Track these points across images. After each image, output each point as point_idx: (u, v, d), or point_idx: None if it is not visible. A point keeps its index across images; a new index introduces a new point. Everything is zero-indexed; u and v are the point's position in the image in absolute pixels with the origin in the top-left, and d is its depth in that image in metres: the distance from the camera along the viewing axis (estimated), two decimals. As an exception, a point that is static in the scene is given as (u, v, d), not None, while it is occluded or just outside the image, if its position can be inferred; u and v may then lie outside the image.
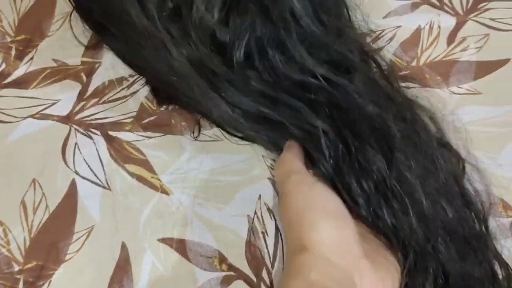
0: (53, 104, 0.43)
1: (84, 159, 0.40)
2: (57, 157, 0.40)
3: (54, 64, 0.44)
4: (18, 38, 0.46)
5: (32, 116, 0.42)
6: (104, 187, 0.39)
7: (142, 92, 0.43)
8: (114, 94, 0.43)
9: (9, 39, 0.46)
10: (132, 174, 0.40)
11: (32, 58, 0.45)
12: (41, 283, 0.36)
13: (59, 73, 0.44)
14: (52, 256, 0.37)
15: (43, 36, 0.46)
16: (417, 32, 0.45)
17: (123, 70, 0.44)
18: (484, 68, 0.43)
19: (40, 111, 0.42)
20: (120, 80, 0.44)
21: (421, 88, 0.42)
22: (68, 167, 0.40)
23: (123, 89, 0.43)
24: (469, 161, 0.38)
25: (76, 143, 0.41)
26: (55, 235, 0.37)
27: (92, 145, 0.41)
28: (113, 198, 0.39)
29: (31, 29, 0.46)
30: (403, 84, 0.41)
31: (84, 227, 0.38)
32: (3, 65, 0.44)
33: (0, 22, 0.47)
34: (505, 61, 0.43)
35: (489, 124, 0.41)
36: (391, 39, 0.45)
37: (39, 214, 0.38)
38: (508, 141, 0.40)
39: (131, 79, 0.44)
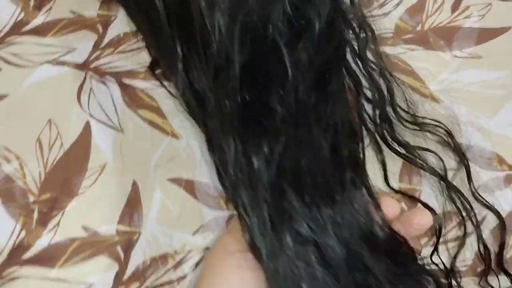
0: (69, 52, 0.44)
1: (98, 103, 0.42)
2: (73, 100, 0.42)
3: (71, 16, 0.46)
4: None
5: (49, 62, 0.44)
6: (117, 130, 0.41)
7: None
8: (129, 46, 0.45)
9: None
10: (144, 119, 0.41)
11: (50, 9, 0.46)
12: (55, 213, 0.37)
13: (76, 23, 0.46)
14: (66, 189, 0.38)
15: (62, -13, 0.47)
16: None
17: (137, 23, 0.46)
18: (486, 35, 0.45)
19: (57, 58, 0.44)
20: (135, 33, 0.45)
21: (424, 50, 0.43)
22: (83, 110, 0.42)
23: (137, 41, 0.45)
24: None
25: (91, 89, 0.43)
26: (69, 171, 0.39)
27: (106, 91, 0.42)
28: (125, 140, 0.40)
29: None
30: (406, 46, 0.43)
31: (97, 164, 0.39)
32: (22, 14, 0.46)
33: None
34: (506, 29, 0.45)
35: (488, 86, 0.43)
36: (397, 4, 0.46)
37: (54, 151, 0.40)
38: (505, 102, 0.42)
39: (146, 32, 0.45)
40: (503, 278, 0.38)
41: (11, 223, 0.37)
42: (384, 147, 0.39)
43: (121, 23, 0.46)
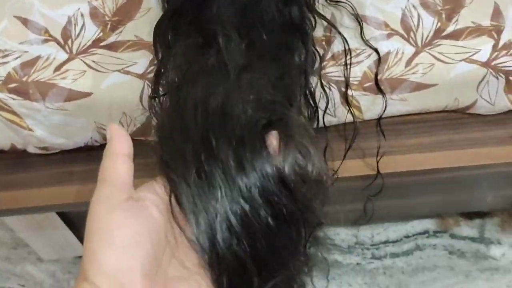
0: (132, 65, 0.63)
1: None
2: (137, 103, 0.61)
3: (135, 38, 0.64)
4: (113, 18, 0.66)
5: (118, 70, 0.62)
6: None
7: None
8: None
9: (107, 18, 0.66)
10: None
11: (121, 32, 0.65)
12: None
13: (138, 44, 0.64)
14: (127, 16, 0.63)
15: (131, 18, 0.66)
16: (387, 54, 0.65)
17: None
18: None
19: (124, 68, 0.62)
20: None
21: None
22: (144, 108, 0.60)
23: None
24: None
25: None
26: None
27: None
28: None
29: (124, 14, 0.66)
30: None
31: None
32: (101, 34, 0.64)
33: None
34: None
35: None
36: (369, 55, 0.64)
37: None
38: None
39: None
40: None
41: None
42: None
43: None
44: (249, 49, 0.50)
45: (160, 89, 0.53)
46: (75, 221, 0.89)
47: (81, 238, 0.93)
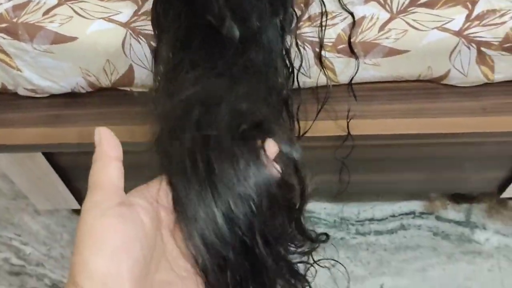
0: (117, 14, 0.66)
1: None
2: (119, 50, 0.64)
3: (123, -11, 0.67)
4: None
5: (103, 18, 0.65)
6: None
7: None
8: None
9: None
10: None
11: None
12: None
13: (125, -5, 0.67)
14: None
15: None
16: (362, 18, 0.67)
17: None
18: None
19: (108, 16, 0.66)
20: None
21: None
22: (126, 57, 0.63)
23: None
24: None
25: (130, 44, 0.64)
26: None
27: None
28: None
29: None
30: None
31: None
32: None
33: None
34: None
35: None
36: (344, 18, 0.67)
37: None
38: None
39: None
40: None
41: None
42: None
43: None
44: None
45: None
46: (70, 175, 0.93)
47: (74, 192, 0.97)
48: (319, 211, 1.12)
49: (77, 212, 1.12)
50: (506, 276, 1.04)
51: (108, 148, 0.40)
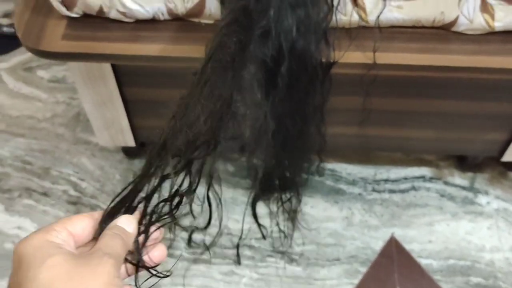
0: None
1: None
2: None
3: None
4: None
5: None
6: None
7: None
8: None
9: None
10: None
11: None
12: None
13: None
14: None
15: None
16: (390, -30, 0.85)
17: None
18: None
19: None
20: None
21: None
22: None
23: None
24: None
25: None
26: None
27: None
28: None
29: None
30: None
31: None
32: None
33: None
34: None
35: None
36: (375, -31, 0.85)
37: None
38: None
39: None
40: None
41: None
42: None
43: None
44: None
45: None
46: (132, 109, 1.09)
47: (133, 128, 1.13)
48: (340, 171, 1.28)
49: (130, 155, 1.29)
50: (503, 234, 1.18)
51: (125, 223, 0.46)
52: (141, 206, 0.49)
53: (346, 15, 0.86)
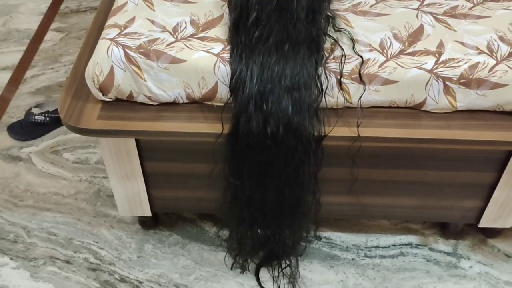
0: (212, 48, 1.05)
1: (221, 74, 1.01)
2: (211, 70, 1.02)
3: (215, 37, 1.07)
4: (204, 26, 1.09)
5: (203, 50, 1.04)
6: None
7: None
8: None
9: (200, 24, 1.09)
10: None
11: (207, 32, 1.08)
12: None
13: (216, 40, 1.06)
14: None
15: (214, 27, 1.09)
16: (368, 60, 1.04)
17: None
18: None
19: (207, 49, 1.04)
20: None
21: None
22: (215, 75, 1.01)
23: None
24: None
25: (219, 66, 1.02)
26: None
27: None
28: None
29: (210, 24, 1.09)
30: None
31: None
32: (194, 31, 1.07)
33: None
34: None
35: None
36: (356, 59, 1.04)
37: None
38: None
39: None
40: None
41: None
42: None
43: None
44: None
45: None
46: (151, 181, 1.25)
47: (150, 199, 1.28)
48: (335, 239, 1.41)
49: (145, 226, 1.43)
50: (485, 295, 1.29)
51: None
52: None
53: (333, 97, 1.04)
